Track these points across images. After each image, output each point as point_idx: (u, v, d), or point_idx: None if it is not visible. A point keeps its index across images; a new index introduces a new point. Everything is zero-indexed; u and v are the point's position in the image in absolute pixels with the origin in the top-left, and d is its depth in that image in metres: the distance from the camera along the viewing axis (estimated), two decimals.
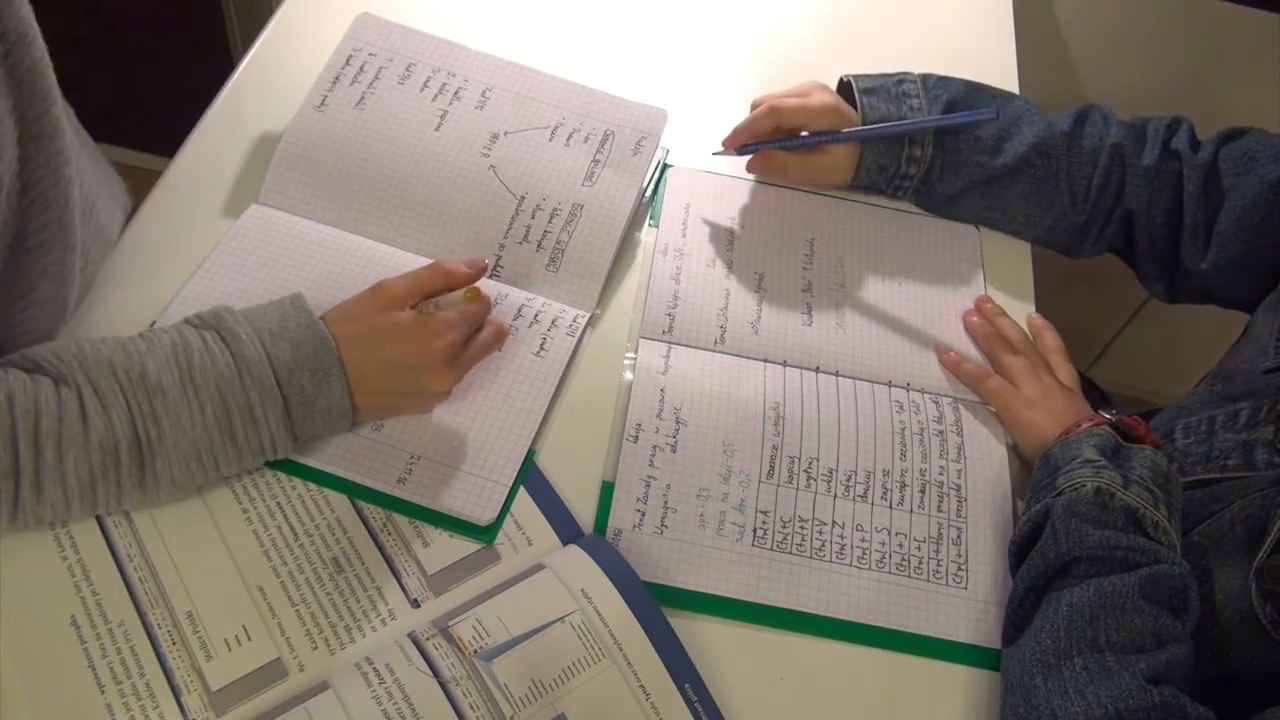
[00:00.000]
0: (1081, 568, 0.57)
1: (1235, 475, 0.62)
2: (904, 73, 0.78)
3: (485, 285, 0.70)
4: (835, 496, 0.65)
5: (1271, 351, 0.66)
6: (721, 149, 0.78)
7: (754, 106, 0.77)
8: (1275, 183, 0.70)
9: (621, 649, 0.54)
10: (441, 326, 0.61)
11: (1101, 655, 0.53)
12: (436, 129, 0.75)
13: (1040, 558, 0.58)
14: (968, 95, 0.77)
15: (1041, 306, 0.78)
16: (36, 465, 0.51)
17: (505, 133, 0.76)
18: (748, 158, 0.79)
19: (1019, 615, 0.59)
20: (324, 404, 0.57)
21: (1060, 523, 0.58)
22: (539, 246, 0.72)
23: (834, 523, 0.64)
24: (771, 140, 0.77)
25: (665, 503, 0.63)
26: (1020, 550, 0.62)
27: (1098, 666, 0.52)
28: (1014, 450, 0.69)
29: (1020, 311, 0.77)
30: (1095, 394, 0.91)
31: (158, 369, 0.54)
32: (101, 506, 0.55)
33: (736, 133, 0.77)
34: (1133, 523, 0.57)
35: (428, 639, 0.54)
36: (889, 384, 0.71)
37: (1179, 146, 0.75)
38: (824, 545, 0.63)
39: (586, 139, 0.77)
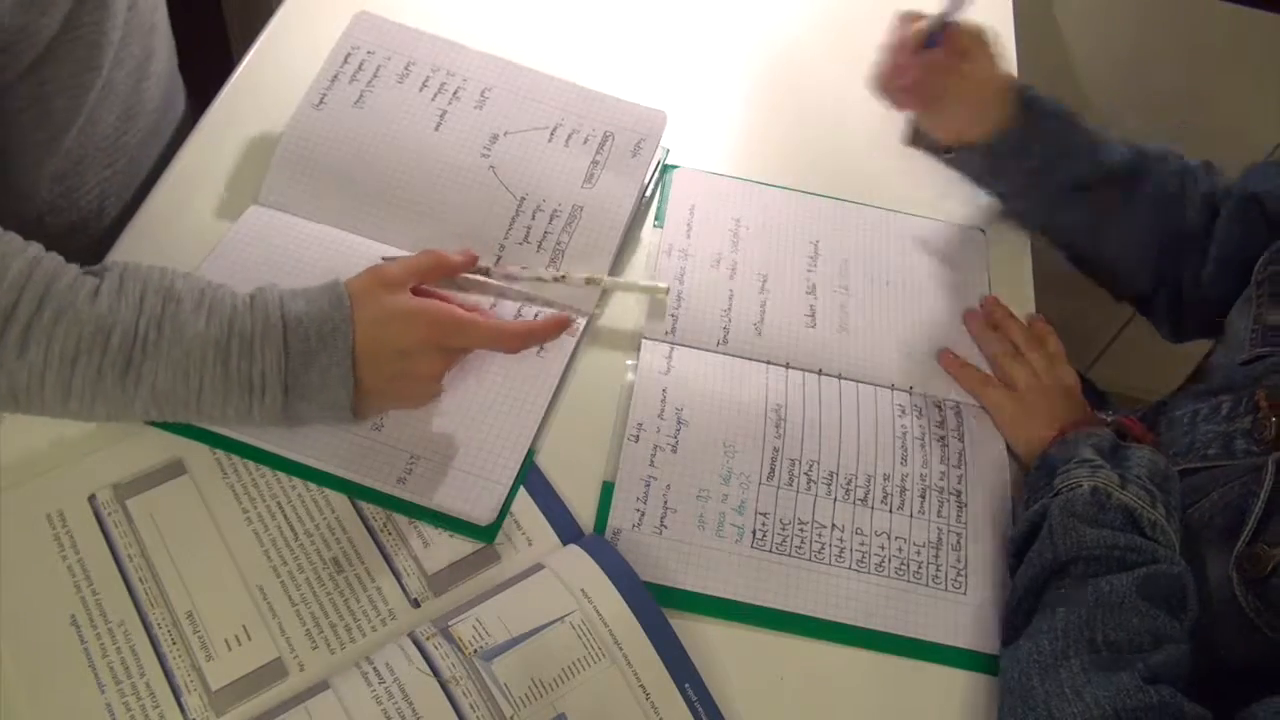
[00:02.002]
0: (1079, 568, 0.57)
1: (1215, 464, 0.63)
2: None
3: (486, 285, 0.70)
4: (835, 500, 0.65)
5: (1247, 345, 0.67)
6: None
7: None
8: (1249, 197, 0.71)
9: (621, 649, 0.54)
10: (442, 314, 0.61)
11: (1099, 655, 0.53)
12: (436, 129, 0.75)
13: (1038, 558, 0.58)
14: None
15: (1041, 307, 0.78)
16: (31, 319, 0.51)
17: (505, 133, 0.76)
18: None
19: (1017, 616, 0.59)
20: (324, 362, 0.57)
21: (1057, 523, 0.58)
22: (539, 247, 0.72)
23: (833, 526, 0.64)
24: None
25: (665, 503, 0.63)
26: (1018, 550, 0.62)
27: (1095, 667, 0.52)
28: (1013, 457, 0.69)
29: (1020, 313, 0.77)
30: (1094, 394, 0.91)
31: (184, 287, 0.56)
32: (75, 396, 0.53)
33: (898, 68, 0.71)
34: (1130, 522, 0.57)
35: (428, 639, 0.54)
36: (891, 387, 0.71)
37: (1212, 190, 0.75)
38: (823, 548, 0.63)
39: (586, 140, 0.77)
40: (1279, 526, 0.57)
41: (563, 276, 0.70)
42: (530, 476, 0.63)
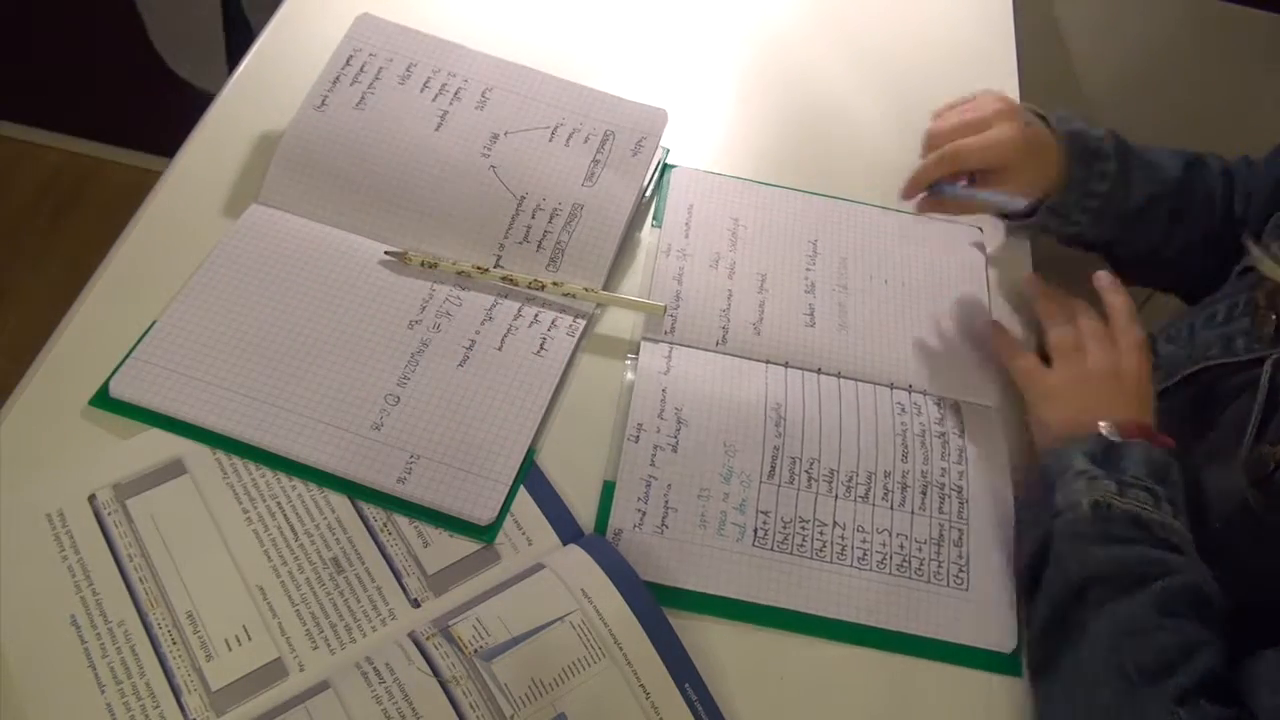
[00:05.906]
0: (1095, 592, 0.56)
1: (1217, 362, 0.62)
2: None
3: (486, 284, 0.70)
4: (836, 497, 0.65)
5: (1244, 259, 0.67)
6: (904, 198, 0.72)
7: (930, 144, 0.70)
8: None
9: (621, 649, 0.54)
10: None
11: (1129, 683, 0.52)
12: (436, 129, 0.75)
13: (1052, 586, 0.58)
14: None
15: None
16: None
17: (505, 133, 0.76)
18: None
19: (1047, 641, 0.58)
20: None
21: (1064, 549, 0.57)
22: (539, 247, 0.72)
23: (835, 524, 0.64)
24: (951, 183, 0.71)
25: (666, 503, 0.63)
26: (1033, 573, 0.60)
27: (1126, 697, 0.51)
28: (1014, 452, 0.69)
29: (1019, 313, 0.77)
30: None
31: None
32: None
33: (912, 182, 0.71)
34: (1138, 528, 0.57)
35: (428, 639, 0.54)
36: (891, 385, 0.71)
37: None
38: (824, 546, 0.63)
39: (586, 139, 0.77)
40: (1279, 426, 0.57)
41: (560, 285, 0.70)
42: (530, 476, 0.63)
